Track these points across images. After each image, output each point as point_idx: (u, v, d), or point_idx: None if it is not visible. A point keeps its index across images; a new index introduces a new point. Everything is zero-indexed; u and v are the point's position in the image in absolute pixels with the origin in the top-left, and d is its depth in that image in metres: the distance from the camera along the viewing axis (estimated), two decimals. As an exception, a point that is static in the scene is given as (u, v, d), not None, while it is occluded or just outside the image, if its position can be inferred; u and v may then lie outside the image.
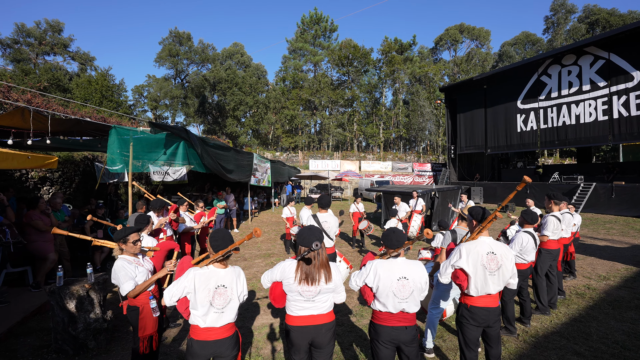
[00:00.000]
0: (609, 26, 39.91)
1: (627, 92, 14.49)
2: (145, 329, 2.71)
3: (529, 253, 3.83)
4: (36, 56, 35.72)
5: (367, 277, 2.32)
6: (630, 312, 4.45)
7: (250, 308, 4.77)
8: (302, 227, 2.32)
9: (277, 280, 2.30)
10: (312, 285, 2.19)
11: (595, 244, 8.73)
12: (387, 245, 2.36)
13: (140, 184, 13.32)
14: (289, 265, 2.26)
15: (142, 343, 2.71)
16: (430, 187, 13.22)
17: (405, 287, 2.25)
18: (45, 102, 9.70)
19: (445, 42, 50.40)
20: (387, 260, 2.33)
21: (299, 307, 2.24)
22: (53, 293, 3.43)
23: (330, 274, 2.26)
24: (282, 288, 2.28)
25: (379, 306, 2.32)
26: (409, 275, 2.27)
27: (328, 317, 2.29)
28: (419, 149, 46.72)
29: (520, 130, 19.11)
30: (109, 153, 5.83)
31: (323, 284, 2.21)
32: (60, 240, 5.56)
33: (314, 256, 2.22)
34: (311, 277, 2.18)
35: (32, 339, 3.81)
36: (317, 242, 2.09)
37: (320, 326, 2.24)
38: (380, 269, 2.27)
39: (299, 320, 2.25)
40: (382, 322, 2.31)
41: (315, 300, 2.23)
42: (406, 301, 2.26)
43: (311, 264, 2.20)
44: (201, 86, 42.96)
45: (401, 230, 2.39)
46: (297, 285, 2.19)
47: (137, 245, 2.77)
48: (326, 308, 2.28)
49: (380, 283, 2.25)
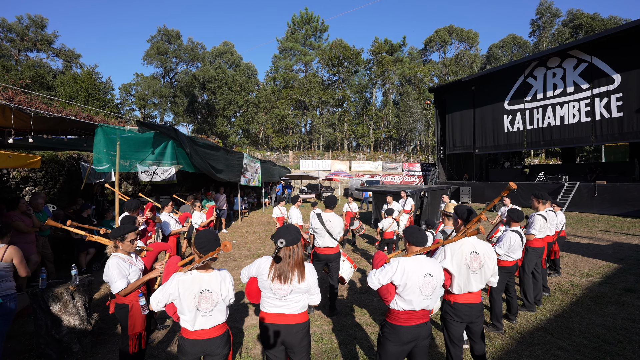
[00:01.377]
0: (591, 30, 41.05)
1: (609, 95, 14.94)
2: (134, 327, 2.72)
3: (516, 251, 3.92)
4: (18, 52, 34.66)
5: (394, 275, 2.28)
6: (611, 307, 4.59)
7: (240, 309, 4.74)
8: (280, 227, 2.31)
9: (253, 276, 2.31)
10: (284, 283, 2.18)
11: (579, 242, 8.97)
12: (412, 243, 2.37)
13: (127, 184, 13.08)
14: (264, 261, 2.26)
15: (131, 341, 2.71)
16: (419, 186, 13.36)
17: (430, 283, 2.27)
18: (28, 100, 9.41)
19: (434, 43, 51.03)
20: (412, 258, 2.33)
21: (270, 305, 2.25)
22: (35, 296, 3.34)
23: (303, 274, 2.24)
24: (257, 284, 2.28)
25: (401, 305, 2.27)
26: (432, 272, 2.30)
27: (300, 317, 2.27)
28: (409, 149, 47.16)
29: (507, 131, 19.49)
30: (95, 152, 5.70)
31: (295, 284, 2.20)
32: (43, 241, 5.41)
33: (289, 255, 2.20)
34: (284, 275, 2.18)
35: (14, 343, 3.70)
36: (282, 239, 2.10)
37: (291, 326, 2.23)
38: (407, 266, 2.27)
39: (270, 317, 2.25)
40: (403, 323, 2.27)
41: (287, 299, 2.23)
42: (430, 297, 2.28)
43: (285, 262, 2.19)
44: (190, 85, 42.41)
45: (424, 230, 2.40)
46: (270, 282, 2.19)
47: (134, 244, 2.81)
48: (298, 308, 2.26)
49: (408, 280, 2.23)
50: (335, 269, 4.42)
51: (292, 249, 2.21)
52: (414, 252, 2.35)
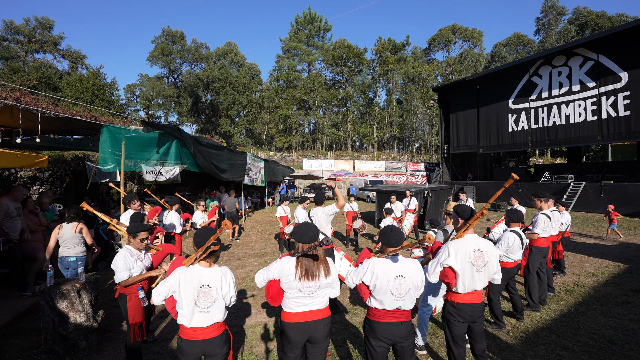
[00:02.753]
0: (598, 28, 40.62)
1: (615, 93, 14.77)
2: (134, 317, 2.88)
3: (515, 252, 3.89)
4: (25, 54, 35.06)
5: (364, 276, 2.32)
6: (617, 307, 4.54)
7: (243, 307, 4.77)
8: (298, 224, 2.32)
9: (274, 279, 2.29)
10: (312, 280, 2.20)
11: (585, 242, 8.89)
12: (384, 244, 2.36)
13: (132, 184, 13.19)
14: (287, 262, 2.26)
15: (132, 330, 2.84)
16: (423, 186, 13.32)
17: (402, 285, 2.26)
18: (35, 101, 9.54)
19: (438, 42, 50.77)
20: (384, 259, 2.33)
21: (297, 304, 2.24)
22: (43, 293, 3.39)
23: (328, 268, 2.28)
24: (279, 286, 2.27)
25: (375, 303, 2.32)
26: (405, 274, 2.28)
27: (325, 312, 2.31)
28: (413, 148, 47.00)
29: (511, 130, 19.34)
30: (101, 152, 5.77)
31: (323, 279, 2.24)
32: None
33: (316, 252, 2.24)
34: (311, 272, 2.20)
35: (22, 339, 3.75)
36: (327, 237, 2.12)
37: (319, 321, 2.26)
38: (377, 267, 2.28)
39: (297, 316, 2.24)
40: (377, 319, 2.32)
41: (315, 295, 2.25)
42: (403, 299, 2.28)
43: (310, 260, 2.22)
44: (194, 85, 42.62)
45: (399, 229, 2.40)
46: (298, 282, 2.19)
47: (144, 243, 3.00)
48: (324, 303, 2.31)
49: (377, 281, 2.25)
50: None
51: (314, 245, 2.22)
52: (389, 253, 2.34)
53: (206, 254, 2.15)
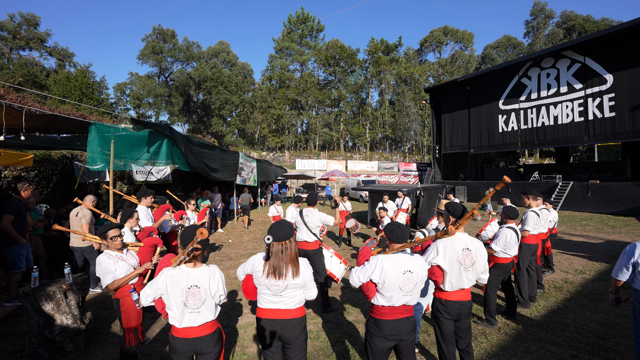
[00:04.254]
0: (584, 31, 41.50)
1: (601, 95, 15.12)
2: (129, 321, 2.77)
3: (512, 248, 3.94)
4: (10, 50, 34.18)
5: (372, 273, 2.29)
6: (604, 303, 4.63)
7: (235, 307, 4.72)
8: (273, 223, 2.30)
9: (248, 273, 2.31)
10: (279, 279, 2.18)
11: (573, 240, 9.07)
12: (391, 240, 2.36)
13: (122, 184, 12.96)
14: (258, 258, 2.26)
15: (127, 335, 2.75)
16: (415, 185, 13.41)
17: (410, 280, 2.26)
18: (21, 99, 9.30)
19: (430, 43, 51.24)
20: (390, 255, 2.33)
21: (267, 301, 2.25)
22: (27, 295, 3.29)
23: (298, 269, 2.24)
24: (253, 281, 2.28)
25: (381, 301, 2.30)
26: (413, 269, 2.29)
27: (297, 312, 2.27)
28: (405, 149, 47.32)
29: (501, 131, 19.63)
30: (89, 151, 5.65)
31: (290, 279, 2.20)
32: (35, 240, 5.34)
33: (282, 250, 2.20)
34: (278, 271, 2.17)
35: (5, 344, 3.65)
36: (269, 236, 2.11)
37: (288, 321, 2.23)
38: (386, 264, 2.26)
39: (267, 313, 2.25)
40: (384, 317, 2.30)
41: (283, 294, 2.22)
42: (410, 294, 2.28)
43: (278, 258, 2.18)
44: (186, 84, 42.14)
45: (405, 226, 2.39)
46: (265, 279, 2.18)
47: (116, 241, 2.83)
48: (295, 303, 2.27)
49: (386, 278, 2.23)
50: (319, 266, 4.40)
51: (285, 244, 2.20)
52: (394, 249, 2.34)
53: (189, 257, 2.11)
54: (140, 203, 4.80)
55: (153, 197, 4.82)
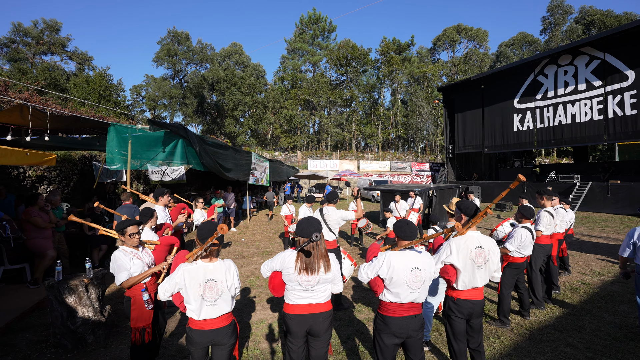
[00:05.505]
0: (604, 27, 40.16)
1: (622, 92, 14.60)
2: (137, 320, 2.77)
3: (527, 247, 3.90)
4: (33, 56, 35.59)
5: (380, 269, 2.32)
6: (623, 305, 4.51)
7: (248, 304, 4.81)
8: (301, 219, 2.35)
9: (276, 270, 2.36)
10: (311, 275, 2.23)
11: (591, 241, 8.81)
12: (400, 237, 2.38)
13: (139, 183, 13.32)
14: (289, 255, 2.31)
15: (133, 334, 2.77)
16: (428, 185, 13.29)
17: (418, 277, 2.28)
18: (43, 101, 9.72)
19: (443, 42, 50.55)
20: (399, 252, 2.35)
21: (297, 296, 2.29)
22: (52, 287, 3.46)
23: (329, 264, 2.30)
24: (281, 278, 2.33)
25: (389, 297, 2.32)
26: (421, 266, 2.30)
27: (325, 306, 2.33)
28: (417, 148, 46.81)
29: (517, 130, 19.20)
30: (108, 151, 5.85)
31: (322, 274, 2.26)
32: (59, 237, 5.58)
33: (314, 247, 2.26)
34: (310, 267, 2.23)
35: (31, 334, 3.83)
36: (317, 233, 2.12)
37: (318, 315, 2.29)
38: (393, 260, 2.29)
39: (297, 308, 2.29)
40: (392, 314, 2.31)
41: (314, 289, 2.27)
42: (418, 291, 2.29)
43: (311, 255, 2.24)
44: (200, 86, 42.93)
45: (413, 223, 2.41)
46: (297, 275, 2.23)
47: (134, 238, 2.81)
48: (324, 297, 2.33)
49: (394, 274, 2.26)
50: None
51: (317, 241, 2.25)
52: (403, 246, 2.35)
53: (207, 252, 2.19)
54: (157, 203, 4.93)
55: (169, 196, 4.94)
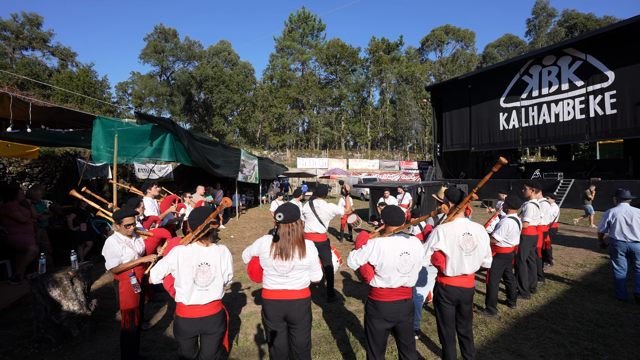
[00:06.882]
0: (586, 30, 41.36)
1: (602, 92, 15.12)
2: (126, 303, 2.84)
3: (514, 237, 3.98)
4: (13, 50, 34.34)
5: (370, 256, 2.33)
6: (604, 294, 4.67)
7: (238, 297, 4.78)
8: (280, 205, 2.35)
9: (255, 255, 2.36)
10: (285, 260, 2.23)
11: (574, 236, 9.08)
12: (388, 223, 2.39)
13: (124, 182, 13.05)
14: (265, 240, 2.31)
15: (123, 316, 2.82)
16: (416, 182, 13.44)
17: (407, 261, 2.30)
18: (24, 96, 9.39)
19: (431, 42, 51.18)
20: (388, 238, 2.37)
21: (273, 282, 2.29)
22: (35, 281, 3.36)
23: (304, 250, 2.29)
24: (259, 263, 2.33)
25: (380, 283, 2.33)
26: (410, 250, 2.33)
27: (302, 293, 2.32)
28: (406, 147, 47.28)
29: (503, 129, 19.63)
30: (94, 145, 5.70)
31: (297, 260, 2.25)
32: (41, 233, 5.42)
33: (289, 232, 2.25)
34: (285, 252, 2.22)
35: (13, 329, 3.71)
36: (280, 214, 2.15)
37: (293, 301, 2.28)
38: (383, 246, 2.31)
39: (273, 294, 2.30)
40: (382, 298, 2.33)
41: (289, 275, 2.27)
42: (408, 275, 2.32)
43: (285, 239, 2.23)
44: (187, 84, 42.22)
45: (401, 209, 2.43)
46: (272, 260, 2.23)
47: (129, 229, 2.91)
48: (300, 284, 2.32)
49: (384, 260, 2.27)
50: (327, 256, 4.48)
51: (292, 226, 2.25)
52: (391, 232, 2.38)
53: (205, 232, 2.16)
54: (146, 195, 4.85)
55: (157, 187, 4.87)
